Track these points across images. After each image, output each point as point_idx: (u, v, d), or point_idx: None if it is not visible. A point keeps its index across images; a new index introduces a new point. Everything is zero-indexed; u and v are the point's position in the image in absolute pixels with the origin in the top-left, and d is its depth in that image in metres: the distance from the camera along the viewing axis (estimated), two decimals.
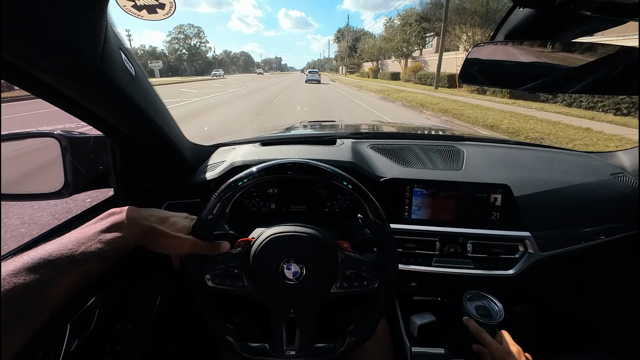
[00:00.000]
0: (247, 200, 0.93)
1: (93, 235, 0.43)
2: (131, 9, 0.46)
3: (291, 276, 0.55)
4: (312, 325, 0.59)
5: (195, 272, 0.55)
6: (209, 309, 0.56)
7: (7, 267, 0.35)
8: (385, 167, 0.94)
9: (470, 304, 0.80)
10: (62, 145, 0.70)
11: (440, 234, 0.87)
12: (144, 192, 0.83)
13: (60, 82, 0.46)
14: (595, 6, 0.43)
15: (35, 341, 0.36)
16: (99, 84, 0.48)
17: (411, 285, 0.88)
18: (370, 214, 0.57)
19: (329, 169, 0.56)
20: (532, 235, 0.86)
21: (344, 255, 0.58)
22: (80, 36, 0.39)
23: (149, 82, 0.63)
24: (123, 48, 0.51)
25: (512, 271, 0.85)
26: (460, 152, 1.03)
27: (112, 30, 0.45)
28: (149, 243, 0.50)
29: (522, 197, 0.88)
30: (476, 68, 0.65)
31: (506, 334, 0.69)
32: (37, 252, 0.38)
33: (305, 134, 1.27)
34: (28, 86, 0.46)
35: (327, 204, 0.94)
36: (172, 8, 0.47)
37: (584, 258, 0.95)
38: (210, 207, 0.55)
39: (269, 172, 0.55)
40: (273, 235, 0.57)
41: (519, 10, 0.54)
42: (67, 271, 0.38)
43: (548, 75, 0.64)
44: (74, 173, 0.71)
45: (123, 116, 0.62)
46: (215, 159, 0.97)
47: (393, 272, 0.59)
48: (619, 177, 0.99)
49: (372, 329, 0.59)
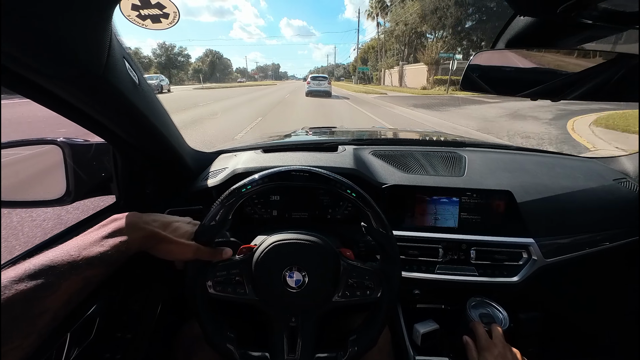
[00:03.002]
0: (248, 207, 0.93)
1: (95, 240, 0.43)
2: (135, 18, 0.46)
3: (293, 284, 0.55)
4: (314, 334, 0.58)
5: (195, 278, 0.55)
6: (208, 316, 0.56)
7: (9, 274, 0.35)
8: (387, 174, 0.93)
9: (474, 312, 0.79)
10: (64, 152, 0.70)
11: (443, 240, 0.86)
12: (145, 198, 0.83)
13: (64, 89, 0.46)
14: (596, 14, 0.43)
15: (36, 349, 0.36)
16: (102, 91, 0.49)
17: (414, 292, 0.88)
18: (373, 223, 0.57)
19: (333, 176, 0.56)
20: (535, 241, 0.85)
21: (346, 264, 0.57)
22: (85, 45, 0.40)
23: (151, 90, 0.63)
24: (127, 57, 0.51)
25: (516, 278, 0.84)
26: (462, 158, 1.03)
27: (117, 39, 0.45)
28: (151, 248, 0.50)
29: (525, 203, 0.87)
30: (477, 75, 0.65)
31: (498, 330, 0.70)
32: (38, 259, 0.38)
33: (307, 141, 1.27)
34: (30, 93, 0.46)
35: (329, 211, 0.94)
36: (175, 17, 0.47)
37: (588, 265, 0.94)
38: (213, 214, 0.54)
39: (272, 179, 0.55)
40: (276, 242, 0.56)
41: (519, 19, 0.55)
42: (68, 276, 0.38)
43: (549, 81, 0.64)
44: (75, 180, 0.71)
45: (126, 123, 0.62)
46: (216, 166, 0.97)
47: (396, 282, 0.58)
48: (622, 182, 0.98)
49: (375, 338, 0.58)
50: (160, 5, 0.46)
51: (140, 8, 0.45)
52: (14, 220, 2.45)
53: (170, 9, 0.46)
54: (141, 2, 0.44)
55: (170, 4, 0.46)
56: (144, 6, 0.45)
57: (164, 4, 0.46)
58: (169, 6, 0.46)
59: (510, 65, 0.64)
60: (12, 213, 2.49)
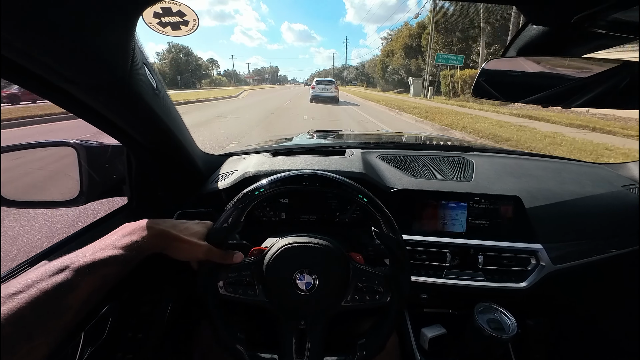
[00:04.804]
0: (257, 210, 0.94)
1: (109, 243, 0.46)
2: (157, 25, 0.47)
3: (303, 287, 0.55)
4: (323, 337, 0.58)
5: (208, 278, 0.56)
6: (220, 316, 0.57)
7: (31, 275, 0.37)
8: (394, 178, 0.94)
9: (481, 317, 0.79)
10: (78, 154, 0.71)
11: (451, 245, 0.86)
12: (156, 200, 0.84)
13: (89, 95, 0.47)
14: (609, 24, 0.43)
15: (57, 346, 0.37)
16: (124, 96, 0.50)
17: (422, 297, 0.88)
18: (384, 227, 0.57)
19: (345, 181, 0.57)
20: (544, 247, 0.85)
21: (356, 268, 0.58)
22: (112, 53, 0.41)
23: (167, 95, 0.65)
24: (147, 63, 0.52)
25: (524, 284, 0.84)
26: (470, 163, 1.03)
27: (138, 46, 0.47)
28: (164, 248, 0.51)
29: (533, 209, 0.87)
30: (488, 81, 0.66)
31: None
32: (58, 260, 0.41)
33: (315, 144, 1.28)
34: (52, 96, 0.48)
35: (337, 214, 0.94)
36: (195, 25, 0.48)
37: (597, 271, 0.94)
38: (226, 216, 0.55)
39: (285, 182, 0.56)
40: (287, 245, 0.57)
41: (532, 27, 0.55)
42: (86, 275, 0.40)
43: (558, 88, 0.65)
44: (89, 181, 0.72)
45: (143, 127, 0.63)
46: (226, 169, 0.98)
47: (406, 286, 0.58)
48: (631, 188, 0.98)
49: (383, 343, 0.59)
50: (182, 13, 0.47)
51: (161, 16, 0.46)
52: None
53: (190, 16, 0.48)
54: (163, 10, 0.46)
55: (191, 11, 0.47)
56: (166, 14, 0.46)
57: (185, 12, 0.47)
58: (189, 14, 0.47)
59: (520, 71, 0.65)
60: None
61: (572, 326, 1.05)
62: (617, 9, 0.38)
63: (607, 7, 0.37)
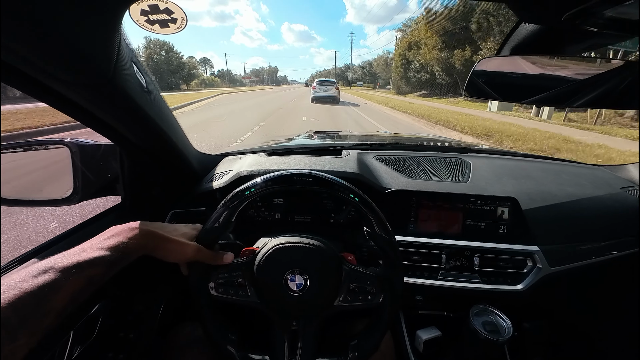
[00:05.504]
0: (252, 210, 0.93)
1: (95, 244, 0.45)
2: (144, 23, 0.47)
3: (295, 287, 0.55)
4: (315, 338, 0.58)
5: (199, 279, 0.55)
6: (211, 317, 0.56)
7: (15, 276, 0.37)
8: (390, 179, 0.93)
9: (477, 320, 0.78)
10: (72, 152, 0.72)
11: (446, 247, 0.85)
12: (150, 199, 0.84)
13: (74, 92, 0.47)
14: (600, 22, 0.43)
15: (38, 347, 0.36)
16: (111, 94, 0.50)
17: (416, 298, 0.87)
18: (376, 227, 0.57)
19: (336, 180, 0.56)
20: (540, 249, 0.84)
21: (348, 268, 0.57)
22: (95, 50, 0.41)
23: (159, 92, 0.65)
24: (135, 60, 0.52)
25: (521, 286, 0.83)
26: (467, 164, 1.02)
27: (125, 43, 0.47)
28: (152, 249, 0.51)
29: (530, 210, 0.86)
30: (482, 80, 0.65)
31: None
32: (42, 261, 0.40)
33: (311, 145, 1.28)
34: (40, 95, 0.48)
35: (332, 215, 0.94)
36: (183, 23, 0.48)
37: (595, 273, 0.92)
38: (217, 216, 0.55)
39: (275, 182, 0.55)
40: (278, 245, 0.57)
41: (525, 26, 0.55)
42: (71, 276, 0.40)
43: (554, 89, 0.64)
44: (83, 180, 0.72)
45: (133, 125, 0.63)
46: (221, 168, 0.98)
47: (398, 287, 0.58)
48: (630, 190, 0.97)
49: (376, 344, 0.58)
50: (169, 10, 0.47)
51: (149, 13, 0.46)
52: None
53: (178, 14, 0.48)
54: (150, 7, 0.46)
55: (179, 9, 0.47)
56: (153, 11, 0.46)
57: (172, 10, 0.47)
58: (177, 11, 0.47)
59: (515, 71, 0.64)
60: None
61: (568, 329, 1.04)
62: (606, 6, 0.37)
63: (595, 4, 0.37)
